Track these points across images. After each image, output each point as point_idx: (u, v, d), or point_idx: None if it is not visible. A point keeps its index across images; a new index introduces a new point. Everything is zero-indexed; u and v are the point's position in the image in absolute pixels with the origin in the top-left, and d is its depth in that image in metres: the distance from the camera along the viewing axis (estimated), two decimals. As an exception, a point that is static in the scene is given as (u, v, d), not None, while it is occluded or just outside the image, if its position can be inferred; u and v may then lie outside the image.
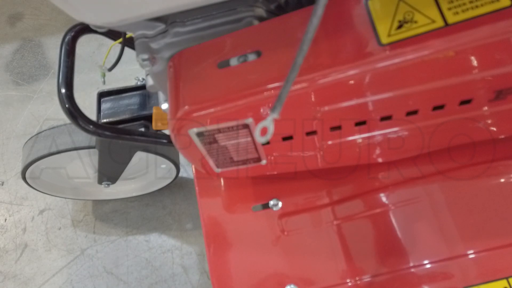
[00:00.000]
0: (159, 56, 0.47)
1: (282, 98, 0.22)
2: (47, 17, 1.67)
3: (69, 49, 0.64)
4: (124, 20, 0.40)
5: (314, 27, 0.23)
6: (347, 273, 0.48)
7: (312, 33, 0.23)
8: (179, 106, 0.42)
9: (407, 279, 0.45)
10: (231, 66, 0.41)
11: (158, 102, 0.83)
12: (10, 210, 1.28)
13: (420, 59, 0.37)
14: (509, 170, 0.47)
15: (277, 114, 0.22)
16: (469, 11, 0.36)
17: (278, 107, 0.22)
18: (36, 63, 1.57)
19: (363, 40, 0.38)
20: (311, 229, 0.52)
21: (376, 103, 0.43)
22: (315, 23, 0.23)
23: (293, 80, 0.23)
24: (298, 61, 0.23)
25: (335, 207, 0.52)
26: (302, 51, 0.23)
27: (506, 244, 0.45)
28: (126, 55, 0.70)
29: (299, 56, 0.23)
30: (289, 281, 0.48)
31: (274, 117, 0.21)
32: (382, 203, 0.49)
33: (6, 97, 1.51)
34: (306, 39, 0.23)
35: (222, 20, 0.45)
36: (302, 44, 0.23)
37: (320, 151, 0.49)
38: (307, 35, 0.23)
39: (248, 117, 0.42)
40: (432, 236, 0.46)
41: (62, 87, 0.62)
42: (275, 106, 0.22)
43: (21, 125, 1.44)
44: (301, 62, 0.23)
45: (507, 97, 0.44)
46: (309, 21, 0.23)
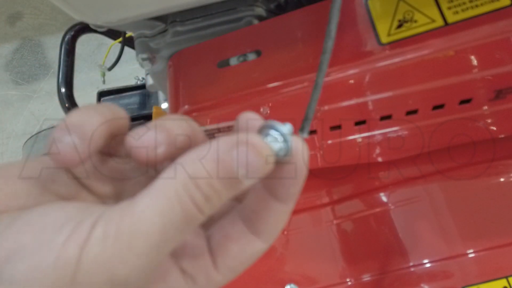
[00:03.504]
0: (159, 55, 0.47)
1: (309, 117, 0.22)
2: (47, 17, 1.67)
3: (69, 48, 0.64)
4: (124, 20, 0.40)
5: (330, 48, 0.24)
6: (347, 272, 0.48)
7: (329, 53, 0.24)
8: (179, 105, 0.42)
9: (407, 278, 0.45)
10: (231, 65, 0.41)
11: (158, 101, 0.83)
12: (10, 209, 1.28)
13: (420, 58, 0.37)
14: (509, 170, 0.47)
15: (307, 134, 0.22)
16: (469, 10, 0.36)
17: (306, 127, 0.22)
18: (36, 62, 1.57)
19: (363, 40, 0.38)
20: (311, 228, 0.52)
21: (376, 102, 0.43)
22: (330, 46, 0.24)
23: (317, 98, 0.23)
24: (319, 81, 0.24)
25: (335, 206, 0.52)
26: (321, 71, 0.24)
27: (506, 243, 0.45)
28: (126, 54, 0.70)
29: (319, 76, 0.24)
30: (289, 280, 0.48)
31: (304, 137, 0.22)
32: (382, 202, 0.49)
33: (6, 96, 1.51)
34: (324, 59, 0.24)
35: (222, 19, 0.45)
36: (321, 64, 0.24)
37: (320, 150, 0.49)
38: (324, 55, 0.24)
39: (248, 116, 0.41)
40: (432, 235, 0.46)
41: (62, 87, 0.62)
42: (304, 126, 0.22)
43: (21, 124, 1.44)
44: (322, 81, 0.24)
45: (507, 96, 0.44)
46: (324, 42, 0.24)
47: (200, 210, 0.15)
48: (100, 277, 0.13)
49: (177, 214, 0.15)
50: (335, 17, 0.23)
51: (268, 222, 0.19)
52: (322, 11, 0.40)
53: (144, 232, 0.14)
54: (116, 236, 0.14)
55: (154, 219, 0.14)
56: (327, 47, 0.23)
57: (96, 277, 0.13)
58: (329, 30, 0.23)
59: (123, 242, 0.14)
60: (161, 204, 0.14)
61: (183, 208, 0.15)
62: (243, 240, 0.19)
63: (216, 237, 0.19)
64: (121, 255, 0.14)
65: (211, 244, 0.19)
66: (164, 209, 0.14)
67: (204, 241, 0.19)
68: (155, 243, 0.14)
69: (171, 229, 0.14)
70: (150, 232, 0.14)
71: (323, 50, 0.23)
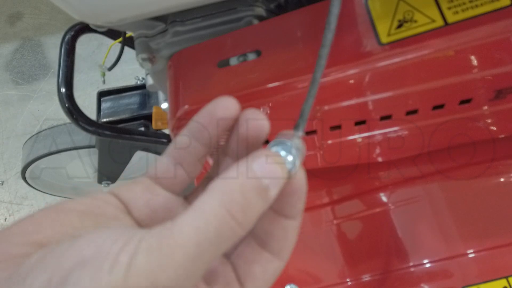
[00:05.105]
0: (159, 55, 0.47)
1: (305, 115, 0.22)
2: (47, 17, 1.67)
3: (69, 48, 0.64)
4: (124, 20, 0.40)
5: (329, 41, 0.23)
6: (347, 272, 0.48)
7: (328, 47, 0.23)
8: (179, 105, 0.42)
9: (406, 278, 0.45)
10: (230, 65, 0.41)
11: (158, 101, 0.83)
12: (10, 209, 1.28)
13: (420, 58, 0.37)
14: (509, 170, 0.47)
15: (302, 132, 0.22)
16: (469, 10, 0.36)
17: (302, 124, 0.22)
18: (36, 62, 1.57)
19: (362, 40, 0.38)
20: (311, 228, 0.52)
21: (376, 102, 0.43)
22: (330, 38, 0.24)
23: (314, 95, 0.23)
24: (316, 77, 0.23)
25: (335, 206, 0.52)
26: (320, 67, 0.23)
27: (506, 243, 0.45)
28: (126, 54, 0.70)
29: (317, 72, 0.23)
30: (288, 280, 0.48)
31: (300, 135, 0.22)
32: (382, 202, 0.49)
33: (6, 96, 1.51)
34: (323, 53, 0.23)
35: (222, 19, 0.45)
36: (320, 59, 0.23)
37: (320, 150, 0.49)
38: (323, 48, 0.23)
39: (248, 116, 0.41)
40: (431, 235, 0.46)
41: (62, 87, 0.62)
42: (299, 123, 0.22)
43: (21, 124, 1.44)
44: (319, 77, 0.23)
45: (507, 96, 0.44)
46: (323, 35, 0.23)
47: (238, 220, 0.17)
48: (145, 282, 0.16)
49: (213, 228, 0.17)
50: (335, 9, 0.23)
51: (281, 239, 0.22)
52: (323, 11, 0.40)
53: (181, 245, 0.16)
54: (158, 249, 0.16)
55: (191, 234, 0.17)
56: (326, 41, 0.23)
57: (142, 282, 0.16)
58: (328, 22, 0.23)
59: (163, 254, 0.16)
60: (198, 221, 0.17)
61: (219, 221, 0.17)
62: (263, 260, 0.21)
63: (239, 263, 0.22)
64: (162, 264, 0.16)
65: (237, 271, 0.22)
66: (200, 225, 0.17)
67: (231, 270, 0.22)
68: (192, 255, 0.16)
69: (207, 242, 0.17)
70: (186, 245, 0.16)
71: (322, 43, 0.23)
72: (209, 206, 0.17)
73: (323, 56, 0.23)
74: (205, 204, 0.17)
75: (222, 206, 0.17)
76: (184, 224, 0.17)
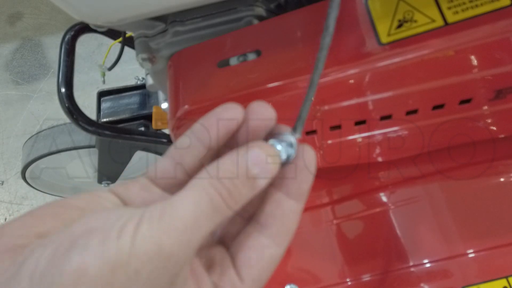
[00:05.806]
0: (159, 55, 0.47)
1: (303, 117, 0.23)
2: (47, 17, 1.67)
3: (69, 48, 0.63)
4: (124, 20, 0.40)
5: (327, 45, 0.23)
6: (347, 272, 0.48)
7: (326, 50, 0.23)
8: (179, 105, 0.42)
9: (406, 278, 0.45)
10: (230, 65, 0.41)
11: (158, 101, 0.83)
12: (10, 209, 1.28)
13: (420, 58, 0.37)
14: (509, 170, 0.47)
15: (300, 134, 0.22)
16: (469, 10, 0.36)
17: (299, 127, 0.23)
18: (36, 62, 1.57)
19: (363, 40, 0.38)
20: (311, 228, 0.52)
21: (376, 102, 0.43)
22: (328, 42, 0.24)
23: (312, 97, 0.23)
24: (314, 80, 0.23)
25: (335, 206, 0.52)
26: (317, 70, 0.23)
27: (506, 243, 0.45)
28: (126, 54, 0.70)
29: (315, 74, 0.23)
30: (289, 280, 0.48)
31: (298, 138, 0.22)
32: (382, 202, 0.49)
33: (6, 96, 1.51)
34: (321, 56, 0.23)
35: (222, 19, 0.45)
36: (317, 62, 0.23)
37: (320, 150, 0.49)
38: (321, 52, 0.23)
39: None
40: (431, 235, 0.46)
41: (62, 87, 0.61)
42: (297, 126, 0.23)
43: (21, 124, 1.44)
44: (317, 80, 0.23)
45: (507, 96, 0.44)
46: (321, 38, 0.23)
47: (225, 201, 0.19)
48: (152, 246, 0.17)
49: (205, 203, 0.19)
50: (334, 12, 0.23)
51: (281, 222, 0.22)
52: (322, 11, 0.40)
53: (181, 216, 0.18)
54: (160, 218, 0.18)
55: (188, 206, 0.18)
56: (324, 43, 0.23)
57: (149, 246, 0.17)
58: (327, 25, 0.23)
59: (165, 222, 0.18)
60: (193, 196, 0.19)
61: (210, 198, 0.19)
62: (259, 245, 0.22)
63: (236, 251, 0.23)
64: (166, 231, 0.18)
65: (233, 259, 0.23)
66: (195, 199, 0.19)
67: (229, 259, 0.23)
68: (190, 224, 0.18)
69: (201, 214, 0.19)
70: (184, 216, 0.18)
71: (320, 46, 0.23)
72: (202, 186, 0.19)
73: (321, 59, 0.23)
74: (197, 184, 0.19)
75: (212, 186, 0.19)
76: (183, 197, 0.19)
